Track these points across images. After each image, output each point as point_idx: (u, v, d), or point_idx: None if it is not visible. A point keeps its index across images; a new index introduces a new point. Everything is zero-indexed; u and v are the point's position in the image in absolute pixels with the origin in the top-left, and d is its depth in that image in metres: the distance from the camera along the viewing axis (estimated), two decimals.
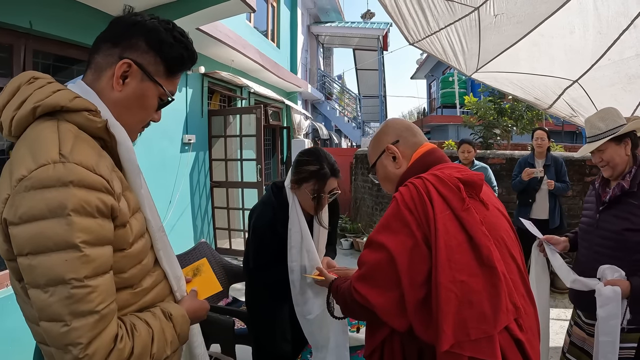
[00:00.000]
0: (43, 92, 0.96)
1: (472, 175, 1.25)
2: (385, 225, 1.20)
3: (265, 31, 10.28)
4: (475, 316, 1.06)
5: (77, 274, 0.85)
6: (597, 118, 2.16)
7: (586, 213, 2.28)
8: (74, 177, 0.86)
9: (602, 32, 2.83)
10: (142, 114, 1.12)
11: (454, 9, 2.52)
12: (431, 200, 1.15)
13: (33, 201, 0.83)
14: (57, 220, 0.83)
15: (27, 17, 3.30)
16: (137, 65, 1.05)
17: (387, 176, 1.44)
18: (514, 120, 7.61)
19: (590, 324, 2.13)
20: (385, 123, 1.51)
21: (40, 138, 0.90)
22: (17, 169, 0.86)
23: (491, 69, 3.31)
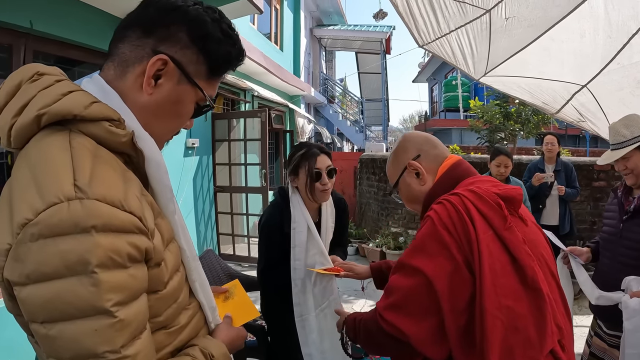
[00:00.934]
0: (50, 94, 0.74)
1: (510, 190, 1.18)
2: (420, 248, 1.10)
3: (269, 34, 10.29)
4: (522, 342, 1.00)
5: (112, 345, 0.67)
6: (622, 125, 2.12)
7: (608, 222, 2.22)
8: (97, 221, 0.66)
9: (612, 36, 2.80)
10: (175, 122, 0.91)
11: (465, 10, 2.48)
12: (472, 220, 1.06)
13: (43, 255, 0.63)
14: (79, 280, 0.64)
15: (28, 16, 3.27)
16: (175, 64, 0.83)
17: (412, 195, 1.36)
18: (521, 124, 7.58)
19: (613, 335, 2.08)
20: (402, 138, 1.43)
21: (48, 160, 0.69)
22: (19, 207, 0.66)
23: (500, 73, 3.27)
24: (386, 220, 7.04)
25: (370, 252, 6.77)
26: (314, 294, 2.04)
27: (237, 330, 1.08)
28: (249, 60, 6.68)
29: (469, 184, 1.21)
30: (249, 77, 7.79)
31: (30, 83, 0.76)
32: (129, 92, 0.83)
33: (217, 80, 0.93)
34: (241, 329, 1.10)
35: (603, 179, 5.50)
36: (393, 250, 6.29)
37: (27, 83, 0.76)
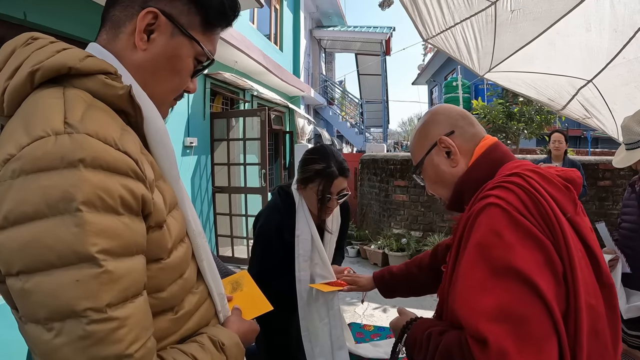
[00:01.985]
0: (44, 52, 0.70)
1: (569, 172, 1.02)
2: (501, 245, 0.84)
3: (268, 34, 10.26)
4: (601, 349, 0.86)
5: (95, 301, 0.57)
6: (635, 122, 2.03)
7: (627, 218, 2.14)
8: (85, 154, 0.58)
9: (618, 29, 2.76)
10: (175, 80, 0.85)
11: (470, 2, 2.42)
12: (547, 202, 0.88)
13: (24, 192, 0.56)
14: (61, 220, 0.56)
15: (21, 7, 3.21)
16: (166, 16, 0.79)
17: (440, 177, 1.15)
18: (524, 124, 7.54)
19: (635, 336, 2.00)
20: (433, 110, 1.22)
21: (38, 106, 0.64)
22: (3, 147, 0.60)
23: (505, 69, 3.22)
24: (388, 221, 6.97)
25: (372, 254, 6.69)
26: (317, 306, 1.92)
27: (250, 323, 0.99)
28: (248, 58, 6.63)
29: (516, 167, 1.02)
30: (248, 76, 7.73)
31: (24, 47, 0.72)
32: (124, 51, 0.79)
33: (213, 33, 0.87)
34: (253, 322, 1.01)
35: (608, 178, 5.45)
36: (395, 252, 6.22)
37: (21, 47, 0.72)
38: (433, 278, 1.60)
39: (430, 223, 6.47)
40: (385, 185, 7.04)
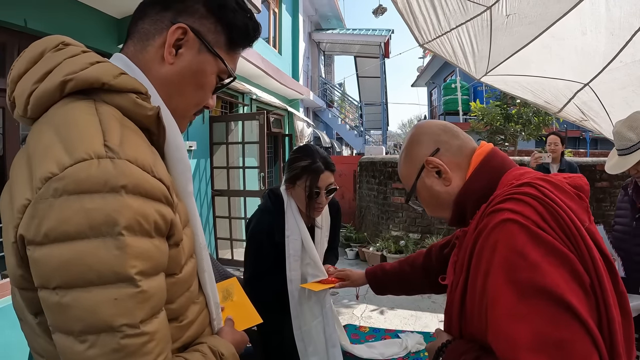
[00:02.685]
0: (77, 62, 0.71)
1: (578, 179, 0.97)
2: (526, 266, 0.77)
3: (267, 37, 10.28)
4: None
5: (131, 318, 0.61)
6: (627, 127, 2.05)
7: (620, 220, 2.17)
8: (127, 181, 0.62)
9: (615, 33, 2.76)
10: (198, 95, 0.88)
11: (466, 7, 2.44)
12: (566, 213, 0.82)
13: (66, 211, 0.58)
14: (103, 242, 0.59)
15: (22, 15, 3.24)
16: (194, 33, 0.83)
17: (437, 199, 1.08)
18: (522, 126, 7.56)
19: None
20: (413, 130, 1.15)
21: (75, 121, 0.65)
22: (42, 163, 0.61)
23: (501, 72, 3.23)
24: (386, 223, 6.99)
25: (370, 256, 6.71)
26: (309, 305, 1.95)
27: (241, 334, 1.02)
28: (247, 62, 6.64)
29: (521, 174, 0.97)
30: (247, 79, 7.75)
31: (55, 51, 0.74)
32: (151, 64, 0.82)
33: (236, 53, 0.92)
34: (244, 334, 1.04)
35: (605, 179, 5.49)
36: (394, 254, 6.24)
37: (51, 51, 0.74)
38: (425, 278, 1.59)
39: (428, 225, 6.49)
40: (384, 188, 7.06)
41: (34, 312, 0.68)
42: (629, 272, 2.01)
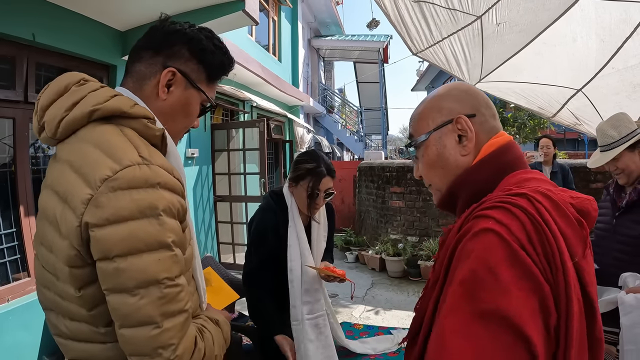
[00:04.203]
0: (100, 95, 0.92)
1: (585, 202, 0.83)
2: (489, 279, 0.68)
3: (267, 45, 10.38)
4: None
5: (170, 272, 0.85)
6: (609, 126, 2.14)
7: (601, 219, 2.25)
8: (160, 179, 0.86)
9: (605, 40, 2.83)
10: (186, 120, 1.11)
11: (456, 17, 2.53)
12: (556, 240, 0.72)
13: (121, 202, 0.81)
14: (149, 221, 0.82)
15: (30, 29, 3.32)
16: (181, 74, 1.04)
17: (443, 162, 0.95)
18: (517, 129, 7.63)
19: (609, 332, 2.09)
20: (456, 84, 1.02)
21: (111, 141, 0.87)
22: (96, 169, 0.82)
23: (494, 79, 3.31)
24: (385, 227, 7.06)
25: (370, 259, 6.78)
26: (303, 300, 2.05)
27: (223, 312, 1.21)
28: (247, 71, 6.74)
29: (525, 179, 0.86)
30: (247, 87, 7.85)
31: (79, 86, 0.95)
32: (149, 99, 1.03)
33: (215, 84, 1.14)
34: (225, 312, 1.23)
35: (600, 181, 5.54)
36: (392, 257, 6.30)
37: (75, 86, 0.94)
38: None
39: (426, 228, 6.56)
40: (382, 192, 7.13)
41: (79, 286, 0.86)
42: (608, 267, 2.08)
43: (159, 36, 1.06)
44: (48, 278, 0.92)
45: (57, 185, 0.88)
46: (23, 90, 3.40)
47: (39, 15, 3.40)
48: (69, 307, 0.90)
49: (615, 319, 1.90)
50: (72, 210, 0.82)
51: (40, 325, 3.42)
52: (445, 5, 2.44)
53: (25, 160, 3.45)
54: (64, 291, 0.89)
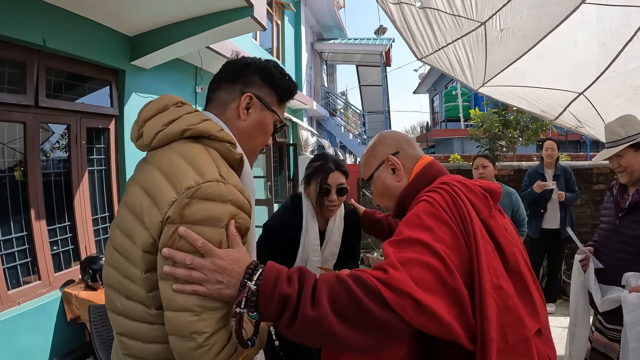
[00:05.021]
0: (193, 118, 1.10)
1: (491, 184, 1.27)
2: (419, 224, 1.06)
3: (271, 49, 10.44)
4: (513, 321, 1.04)
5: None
6: (617, 124, 2.20)
7: (605, 219, 2.29)
8: (232, 197, 1.00)
9: (607, 44, 2.86)
10: (262, 138, 1.29)
11: (461, 24, 2.57)
12: (464, 205, 1.11)
13: (196, 208, 0.95)
14: (212, 229, 0.96)
15: (41, 34, 3.39)
16: (257, 98, 1.23)
17: (386, 190, 1.37)
18: (519, 132, 7.66)
19: (613, 329, 2.13)
20: (381, 135, 1.46)
21: (198, 157, 1.04)
22: (182, 178, 0.98)
23: (497, 83, 3.34)
24: None
25: (374, 262, 6.82)
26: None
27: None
28: None
29: (446, 179, 1.25)
30: None
31: (177, 107, 1.14)
32: (230, 120, 1.22)
33: (283, 106, 1.34)
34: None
35: (602, 182, 5.57)
36: None
37: (173, 106, 1.13)
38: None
39: None
40: None
41: (146, 269, 1.00)
42: (611, 267, 2.13)
43: (235, 69, 1.26)
44: (116, 258, 1.07)
45: (146, 184, 1.03)
46: (34, 94, 3.46)
47: (49, 21, 3.46)
48: (129, 286, 1.04)
49: (618, 316, 1.94)
50: (157, 207, 0.97)
51: (51, 328, 3.47)
52: (450, 12, 2.48)
53: (36, 164, 3.51)
54: (131, 272, 1.03)
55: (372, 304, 0.89)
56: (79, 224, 4.04)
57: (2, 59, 3.26)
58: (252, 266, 0.97)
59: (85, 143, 4.12)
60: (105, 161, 4.48)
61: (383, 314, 0.89)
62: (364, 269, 0.99)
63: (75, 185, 3.99)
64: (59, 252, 3.83)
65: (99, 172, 4.42)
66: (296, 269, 0.99)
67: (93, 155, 4.32)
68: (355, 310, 0.90)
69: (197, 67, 5.97)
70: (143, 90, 4.83)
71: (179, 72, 5.59)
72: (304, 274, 0.97)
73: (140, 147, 1.15)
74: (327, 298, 0.91)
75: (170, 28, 4.31)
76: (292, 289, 0.93)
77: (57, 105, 3.72)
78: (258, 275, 0.95)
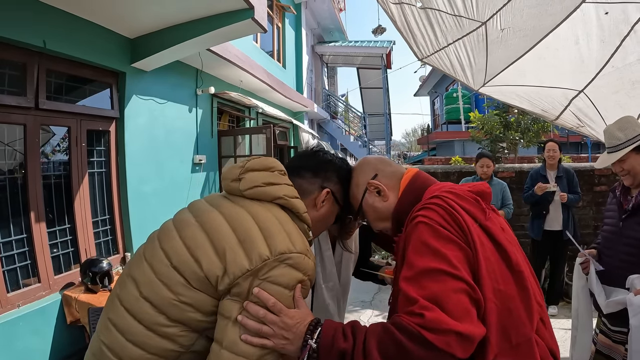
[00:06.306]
0: (291, 190, 1.23)
1: (479, 186, 1.29)
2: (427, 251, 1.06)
3: (271, 52, 10.45)
4: (515, 322, 1.07)
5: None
6: (616, 128, 2.18)
7: (608, 221, 2.28)
8: (309, 272, 1.12)
9: (605, 40, 2.85)
10: (323, 227, 1.44)
11: (461, 24, 2.56)
12: (460, 215, 1.12)
13: (282, 272, 1.05)
14: (286, 291, 1.07)
15: (41, 36, 3.39)
16: (332, 195, 1.37)
17: (378, 213, 1.38)
18: (521, 133, 7.65)
19: (617, 331, 2.11)
20: (357, 164, 1.48)
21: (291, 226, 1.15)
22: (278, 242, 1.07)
23: (498, 83, 3.33)
24: None
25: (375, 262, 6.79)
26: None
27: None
28: (253, 77, 6.81)
29: (436, 189, 1.26)
30: (253, 94, 7.92)
31: (280, 174, 1.25)
32: (308, 207, 1.30)
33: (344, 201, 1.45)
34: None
35: (604, 184, 5.55)
36: None
37: (277, 172, 1.24)
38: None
39: None
40: None
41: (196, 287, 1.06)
42: (614, 269, 2.11)
43: (316, 162, 1.40)
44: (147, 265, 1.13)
45: (236, 223, 1.11)
46: (34, 96, 3.46)
47: (50, 23, 3.47)
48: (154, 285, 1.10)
49: (623, 318, 1.93)
50: (247, 255, 1.05)
51: (50, 331, 3.46)
52: (450, 12, 2.47)
53: (36, 166, 3.50)
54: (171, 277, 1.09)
55: (418, 349, 0.94)
56: (79, 226, 4.04)
57: (3, 60, 3.26)
58: (313, 325, 1.08)
59: (85, 145, 4.12)
60: (105, 163, 4.47)
61: (430, 354, 0.94)
62: (400, 314, 1.02)
63: (75, 188, 3.98)
64: (58, 255, 3.82)
65: (99, 175, 4.41)
66: (350, 325, 1.10)
67: (93, 157, 4.32)
68: (403, 356, 0.96)
69: (198, 70, 5.97)
70: (144, 92, 4.84)
71: (180, 74, 5.59)
72: (356, 329, 1.07)
73: (229, 188, 1.23)
74: (377, 349, 0.99)
75: (170, 30, 4.31)
76: (347, 344, 1.02)
77: (57, 108, 3.72)
78: (318, 333, 1.06)
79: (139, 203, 4.73)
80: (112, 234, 4.58)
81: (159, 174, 5.03)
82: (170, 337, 1.05)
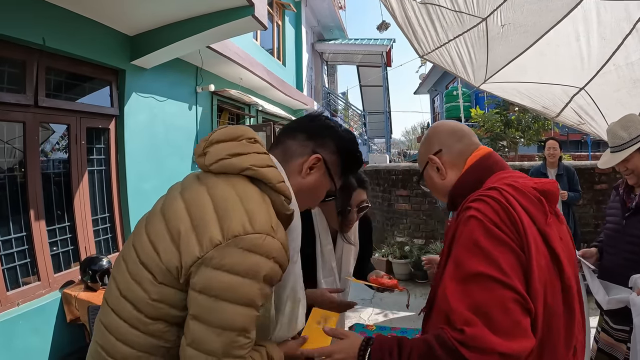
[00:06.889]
0: (260, 159, 1.08)
1: (547, 184, 1.14)
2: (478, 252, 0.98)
3: (271, 49, 10.44)
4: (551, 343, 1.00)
5: (248, 327, 0.97)
6: (620, 127, 2.15)
7: (611, 219, 2.26)
8: (276, 254, 0.98)
9: (606, 38, 2.84)
10: (310, 202, 1.28)
11: (462, 19, 2.55)
12: (518, 214, 1.01)
13: (239, 258, 0.93)
14: (251, 282, 0.94)
15: (41, 33, 3.38)
16: (324, 163, 1.21)
17: (435, 187, 1.33)
18: (521, 132, 7.64)
19: (620, 330, 2.11)
20: (429, 130, 1.39)
21: (254, 202, 1.01)
22: (232, 222, 0.96)
23: (499, 80, 3.33)
24: (391, 230, 7.07)
25: (376, 262, 6.78)
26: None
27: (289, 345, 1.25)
28: (253, 75, 6.81)
29: (501, 177, 1.15)
30: (253, 92, 7.90)
31: (249, 142, 1.12)
32: (292, 173, 1.19)
33: (341, 179, 1.30)
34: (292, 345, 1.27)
35: (605, 182, 5.55)
36: (399, 260, 6.32)
37: (246, 140, 1.11)
38: None
39: (432, 230, 6.56)
40: (388, 195, 7.14)
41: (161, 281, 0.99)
42: (617, 267, 2.10)
43: (315, 126, 1.25)
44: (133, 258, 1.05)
45: (192, 206, 1.01)
46: (33, 94, 3.45)
47: (49, 20, 3.46)
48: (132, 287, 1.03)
49: (625, 317, 1.92)
50: (198, 241, 0.95)
51: (50, 329, 3.45)
52: (451, 8, 2.47)
53: (35, 164, 3.50)
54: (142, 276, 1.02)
55: None
56: (79, 224, 4.03)
57: (2, 58, 3.26)
58: (362, 347, 1.08)
59: (85, 143, 4.11)
60: (105, 161, 4.47)
61: None
62: (444, 327, 0.98)
63: (75, 186, 3.98)
64: (58, 253, 3.81)
65: (99, 172, 4.41)
66: (395, 341, 1.06)
67: (93, 155, 4.31)
68: None
69: (198, 67, 5.96)
70: (143, 90, 4.83)
71: (180, 71, 5.58)
72: (402, 345, 1.04)
73: (198, 164, 1.12)
74: None
75: (170, 27, 4.30)
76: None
77: (57, 105, 3.72)
78: (368, 355, 1.06)
79: (139, 201, 4.72)
80: (112, 231, 4.58)
81: (158, 172, 5.02)
82: (155, 333, 1.00)
